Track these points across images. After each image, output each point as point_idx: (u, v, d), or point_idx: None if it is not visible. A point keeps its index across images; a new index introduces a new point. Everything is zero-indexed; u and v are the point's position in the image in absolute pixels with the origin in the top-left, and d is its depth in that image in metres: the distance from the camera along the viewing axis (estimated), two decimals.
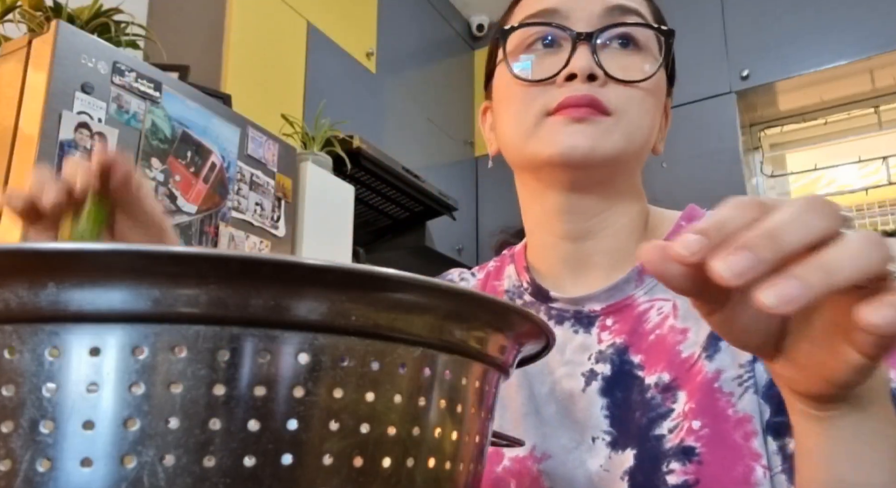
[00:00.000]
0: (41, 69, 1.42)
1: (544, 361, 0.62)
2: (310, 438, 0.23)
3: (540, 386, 0.62)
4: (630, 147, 0.59)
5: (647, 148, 0.63)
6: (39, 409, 0.22)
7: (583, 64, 0.58)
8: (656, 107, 0.62)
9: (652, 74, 0.59)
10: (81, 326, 0.22)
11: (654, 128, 0.62)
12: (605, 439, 0.57)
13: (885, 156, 2.75)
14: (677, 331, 0.57)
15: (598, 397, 0.59)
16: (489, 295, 0.28)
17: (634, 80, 0.59)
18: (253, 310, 0.23)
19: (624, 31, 0.60)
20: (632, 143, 0.59)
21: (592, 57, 0.58)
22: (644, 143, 0.61)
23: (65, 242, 0.21)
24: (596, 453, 0.57)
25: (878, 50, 2.52)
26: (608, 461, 0.56)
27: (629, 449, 0.55)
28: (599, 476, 0.56)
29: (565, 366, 0.61)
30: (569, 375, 0.61)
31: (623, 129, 0.58)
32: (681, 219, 0.65)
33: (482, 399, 0.30)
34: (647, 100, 0.60)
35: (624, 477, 0.55)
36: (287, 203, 1.93)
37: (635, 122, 0.59)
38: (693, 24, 2.83)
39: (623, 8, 0.61)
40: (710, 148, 2.67)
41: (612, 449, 0.56)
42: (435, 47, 3.22)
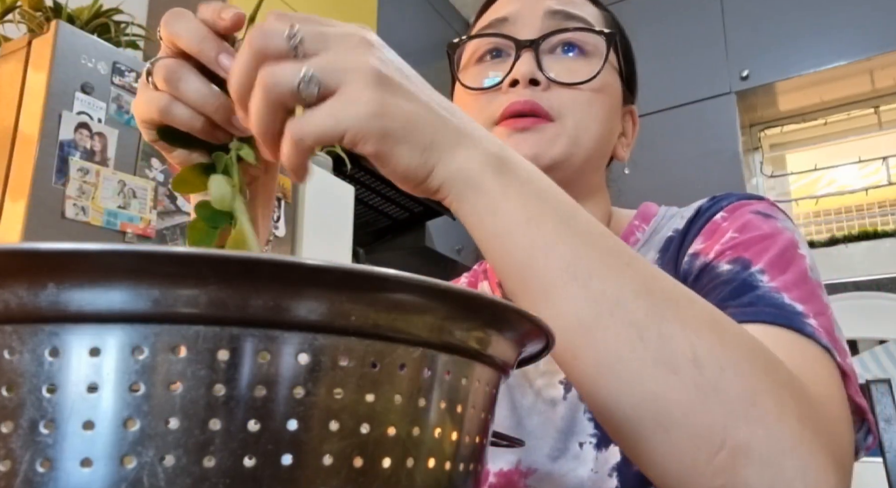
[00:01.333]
0: (41, 69, 1.42)
1: (523, 373, 0.63)
2: (310, 438, 0.23)
3: (521, 397, 0.62)
4: (577, 150, 0.59)
5: (601, 151, 0.63)
6: (39, 410, 0.22)
7: (524, 69, 0.59)
8: (607, 110, 0.62)
9: (594, 75, 0.59)
10: (81, 326, 0.22)
11: (606, 132, 0.63)
12: (591, 442, 0.57)
13: (885, 156, 2.75)
14: None
15: (578, 402, 0.58)
16: (489, 295, 0.28)
17: (576, 82, 0.59)
18: (253, 310, 0.23)
19: (567, 37, 0.61)
20: (578, 147, 0.59)
21: (535, 62, 0.59)
22: (594, 146, 0.61)
23: (65, 243, 0.21)
24: (585, 458, 0.57)
25: (878, 50, 2.52)
26: (596, 462, 0.56)
27: (612, 445, 0.56)
28: (592, 480, 0.56)
29: (542, 378, 0.61)
30: (547, 385, 0.61)
31: (568, 133, 0.59)
32: (635, 217, 0.66)
33: (482, 399, 0.30)
34: (594, 102, 0.60)
35: (612, 474, 0.55)
36: (287, 203, 1.93)
37: (581, 125, 0.59)
38: (693, 24, 2.83)
39: (566, 14, 0.62)
40: (710, 148, 2.67)
41: (598, 450, 0.56)
42: (435, 47, 3.22)
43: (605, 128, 0.62)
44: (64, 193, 1.38)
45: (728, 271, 0.50)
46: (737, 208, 0.57)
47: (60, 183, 1.38)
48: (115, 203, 1.46)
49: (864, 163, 2.81)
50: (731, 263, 0.51)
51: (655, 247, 0.62)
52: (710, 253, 0.53)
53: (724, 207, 0.58)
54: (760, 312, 0.46)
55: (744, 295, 0.48)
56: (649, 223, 0.65)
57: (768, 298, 0.47)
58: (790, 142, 3.02)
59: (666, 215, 0.65)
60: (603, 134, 0.62)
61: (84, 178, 1.42)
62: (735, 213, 0.56)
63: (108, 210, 1.45)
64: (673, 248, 0.59)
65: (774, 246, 0.52)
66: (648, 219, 0.66)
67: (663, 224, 0.64)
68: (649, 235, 0.64)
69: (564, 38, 0.61)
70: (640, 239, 0.64)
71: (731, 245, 0.53)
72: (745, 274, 0.49)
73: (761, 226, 0.54)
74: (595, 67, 0.60)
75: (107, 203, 1.44)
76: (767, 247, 0.51)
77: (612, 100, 0.63)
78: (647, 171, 0.73)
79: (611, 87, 0.63)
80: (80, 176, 1.41)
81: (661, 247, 0.60)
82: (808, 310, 0.47)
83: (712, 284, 0.51)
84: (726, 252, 0.52)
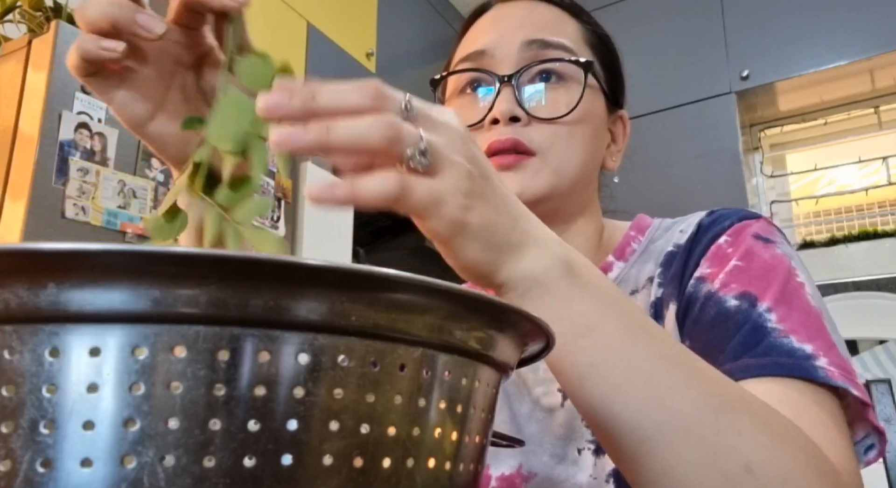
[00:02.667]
0: (41, 69, 1.42)
1: (522, 381, 0.64)
2: (310, 438, 0.23)
3: (519, 405, 0.63)
4: (561, 181, 0.61)
5: (587, 174, 0.64)
6: (39, 410, 0.22)
7: (503, 108, 0.60)
8: (589, 136, 0.63)
9: (572, 109, 0.60)
10: (81, 326, 0.22)
11: (590, 156, 0.63)
12: (589, 448, 0.58)
13: (885, 156, 2.75)
14: None
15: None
16: (489, 295, 0.28)
17: (556, 117, 0.60)
18: (253, 310, 0.23)
19: (544, 67, 0.62)
20: (562, 177, 0.61)
21: (515, 98, 0.60)
22: (579, 173, 0.62)
23: (64, 242, 0.21)
24: (584, 464, 0.57)
25: (878, 50, 2.52)
26: (594, 468, 0.57)
27: None
28: (590, 485, 0.57)
29: (541, 386, 0.62)
30: (546, 393, 0.62)
31: (550, 166, 0.60)
32: (630, 228, 0.66)
33: (482, 399, 0.30)
34: (574, 132, 0.61)
35: (609, 480, 0.56)
36: (287, 203, 1.93)
37: (562, 157, 0.61)
38: (693, 24, 2.83)
39: (542, 42, 0.62)
40: (710, 148, 2.67)
41: (596, 456, 0.57)
42: (435, 47, 3.22)
43: (588, 153, 0.63)
44: (64, 193, 1.38)
45: (736, 308, 0.52)
46: (739, 232, 0.58)
47: (60, 183, 1.38)
48: (115, 203, 1.46)
49: (864, 163, 2.81)
50: (738, 298, 0.53)
51: (655, 259, 0.62)
52: (716, 281, 0.55)
53: (727, 230, 0.59)
54: (776, 365, 0.48)
55: (758, 344, 0.50)
56: (645, 234, 0.66)
57: (780, 346, 0.49)
58: (790, 142, 3.02)
59: (661, 226, 0.67)
60: (587, 159, 0.63)
61: (84, 178, 1.42)
62: (738, 238, 0.58)
63: (108, 210, 1.45)
64: (676, 265, 0.60)
65: (776, 278, 0.54)
66: (644, 230, 0.67)
67: (659, 235, 0.65)
68: (646, 245, 0.65)
69: (541, 68, 0.62)
70: (637, 249, 0.65)
71: (735, 275, 0.55)
72: (754, 313, 0.51)
73: (762, 255, 0.56)
74: (574, 97, 0.61)
75: (107, 203, 1.45)
76: (770, 281, 0.53)
77: (595, 122, 0.64)
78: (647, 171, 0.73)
79: (591, 111, 0.63)
80: (80, 176, 1.41)
81: (663, 262, 0.61)
82: (818, 349, 0.49)
83: (724, 324, 0.52)
84: (731, 284, 0.54)
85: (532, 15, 0.65)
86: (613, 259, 0.65)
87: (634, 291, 0.62)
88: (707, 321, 0.53)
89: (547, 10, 0.66)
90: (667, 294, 0.58)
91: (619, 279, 0.63)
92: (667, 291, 0.58)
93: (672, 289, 0.58)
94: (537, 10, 0.66)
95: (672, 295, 0.58)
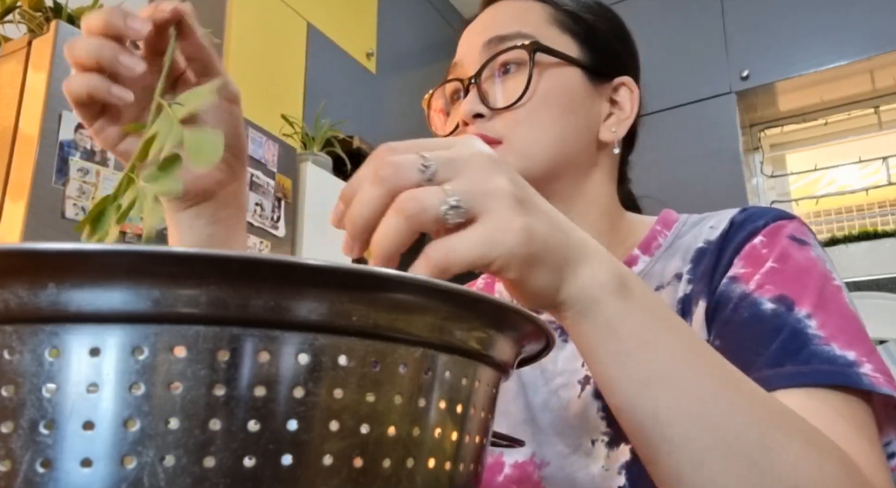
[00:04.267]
0: (41, 69, 1.42)
1: (539, 372, 0.64)
2: (310, 438, 0.23)
3: (534, 395, 0.64)
4: (531, 163, 0.61)
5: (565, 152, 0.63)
6: (39, 410, 0.22)
7: (466, 108, 0.62)
8: (557, 112, 0.62)
9: (522, 93, 0.61)
10: (81, 326, 0.22)
11: (564, 132, 0.63)
12: (603, 440, 0.58)
13: (885, 156, 2.75)
14: None
15: (592, 400, 0.60)
16: (489, 295, 0.28)
17: (511, 104, 0.61)
18: (253, 310, 0.23)
19: (501, 61, 0.63)
20: (531, 159, 0.61)
21: (477, 97, 0.62)
22: (552, 152, 0.62)
23: (65, 243, 0.21)
24: (597, 456, 0.58)
25: (878, 50, 2.52)
26: (607, 460, 0.57)
27: (623, 444, 0.57)
28: (602, 476, 0.57)
29: (560, 377, 0.63)
30: (565, 385, 0.62)
31: (514, 151, 0.61)
32: (656, 223, 0.66)
33: (482, 399, 0.30)
34: (538, 113, 0.62)
35: (621, 471, 0.56)
36: (287, 203, 1.93)
37: (528, 139, 0.61)
38: (693, 24, 2.83)
39: (499, 38, 0.64)
40: (710, 148, 2.67)
41: (610, 448, 0.58)
42: (435, 47, 3.22)
43: (560, 129, 0.62)
44: (64, 193, 1.38)
45: (772, 312, 0.52)
46: (775, 232, 0.58)
47: (60, 183, 1.38)
48: None
49: (864, 163, 2.81)
50: (774, 301, 0.52)
51: (682, 254, 0.62)
52: (751, 282, 0.55)
53: (762, 230, 0.58)
54: (819, 373, 0.48)
55: (799, 351, 0.49)
56: (671, 229, 0.66)
57: (821, 354, 0.49)
58: (790, 142, 3.02)
59: (688, 222, 0.66)
60: (558, 137, 0.62)
61: (84, 178, 1.42)
62: (774, 239, 0.57)
63: None
64: (707, 262, 0.59)
65: (813, 282, 0.53)
66: (670, 226, 0.66)
67: (685, 230, 0.65)
68: (672, 240, 0.64)
69: (499, 62, 0.63)
70: (663, 244, 0.64)
71: (771, 277, 0.54)
72: (792, 318, 0.51)
73: (798, 257, 0.55)
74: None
75: None
76: (807, 285, 0.53)
77: (565, 98, 0.63)
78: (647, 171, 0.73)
79: (555, 88, 0.63)
80: (80, 176, 1.41)
81: (693, 258, 0.61)
82: (860, 356, 0.49)
83: (759, 326, 0.52)
84: (767, 286, 0.54)
85: (495, 16, 0.67)
86: (639, 252, 0.64)
87: (660, 287, 0.61)
88: (740, 321, 0.53)
89: (511, 7, 0.67)
90: (696, 291, 0.58)
91: (645, 273, 0.63)
92: (696, 288, 0.58)
93: (702, 287, 0.58)
94: (501, 10, 0.67)
95: (702, 292, 0.57)
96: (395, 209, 0.35)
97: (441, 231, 0.35)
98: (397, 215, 0.34)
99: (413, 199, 0.34)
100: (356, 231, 0.36)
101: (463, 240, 0.34)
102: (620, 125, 0.67)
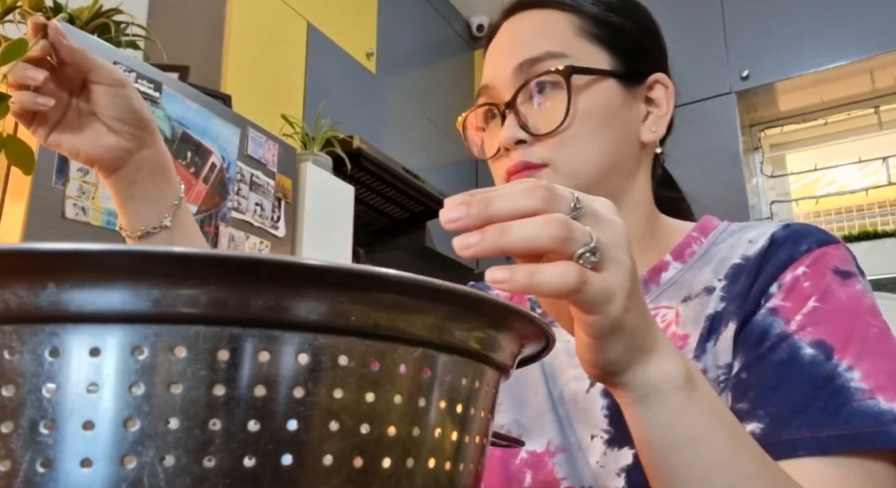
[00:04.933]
0: None
1: (558, 365, 0.65)
2: (310, 438, 0.23)
3: (553, 387, 0.65)
4: (580, 180, 0.61)
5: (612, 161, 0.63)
6: (39, 410, 0.22)
7: (506, 135, 0.62)
8: (597, 126, 0.62)
9: (563, 119, 0.61)
10: (81, 326, 0.22)
11: (608, 144, 0.63)
12: (602, 437, 0.59)
13: (885, 156, 2.75)
14: (678, 337, 0.59)
15: (599, 398, 0.61)
16: (489, 295, 0.28)
17: (552, 130, 0.61)
18: (253, 310, 0.23)
19: (535, 84, 0.63)
20: (580, 176, 0.61)
21: (516, 123, 0.62)
22: (598, 165, 0.62)
23: (65, 243, 0.21)
24: (593, 450, 0.59)
25: (878, 50, 2.52)
26: (603, 457, 0.58)
27: (627, 448, 0.57)
28: (597, 472, 0.58)
29: (573, 369, 0.64)
30: (576, 378, 0.63)
31: (562, 173, 0.61)
32: (694, 229, 0.65)
33: (482, 399, 0.30)
34: (580, 132, 0.62)
35: (621, 474, 0.56)
36: (287, 203, 1.93)
37: (573, 161, 0.61)
38: (693, 24, 2.83)
39: (530, 60, 0.63)
40: (710, 148, 2.67)
41: (609, 446, 0.58)
42: (435, 47, 3.22)
43: (604, 142, 0.62)
44: (64, 193, 1.38)
45: (811, 359, 0.51)
46: (817, 262, 0.56)
47: (60, 183, 1.38)
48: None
49: (864, 164, 2.81)
50: (813, 346, 0.52)
51: (715, 266, 0.61)
52: (792, 322, 0.54)
53: (804, 256, 0.57)
54: (860, 437, 0.48)
55: (839, 410, 0.49)
56: (708, 236, 0.65)
57: (865, 412, 0.48)
58: (790, 142, 3.02)
59: (727, 230, 0.65)
60: (605, 149, 0.62)
61: (84, 178, 1.42)
62: (816, 270, 0.56)
63: (108, 210, 1.45)
64: (744, 282, 0.58)
65: (857, 326, 0.52)
66: (707, 233, 0.65)
67: (722, 239, 0.64)
68: (706, 248, 0.64)
69: (533, 85, 0.63)
70: (697, 252, 0.64)
71: (813, 318, 0.53)
72: (833, 369, 0.50)
73: (841, 297, 0.54)
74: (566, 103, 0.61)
75: (107, 203, 1.44)
76: (851, 330, 0.52)
77: (604, 111, 0.63)
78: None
79: (594, 105, 0.62)
80: (80, 176, 1.41)
81: (729, 274, 0.59)
82: None
83: (797, 372, 0.51)
84: (808, 328, 0.53)
85: (518, 34, 0.66)
86: (671, 258, 0.64)
87: (687, 298, 0.60)
88: (777, 363, 0.52)
89: (533, 18, 0.66)
90: (728, 311, 0.57)
91: (674, 281, 0.62)
92: (729, 308, 0.57)
93: (735, 307, 0.57)
94: (524, 23, 0.66)
95: (734, 313, 0.57)
96: (546, 219, 0.36)
97: (531, 258, 0.37)
98: (547, 224, 0.35)
99: (566, 223, 0.36)
100: (490, 214, 0.36)
101: (595, 281, 0.36)
102: (659, 123, 0.66)
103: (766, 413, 0.51)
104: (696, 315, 0.59)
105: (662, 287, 0.63)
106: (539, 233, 0.35)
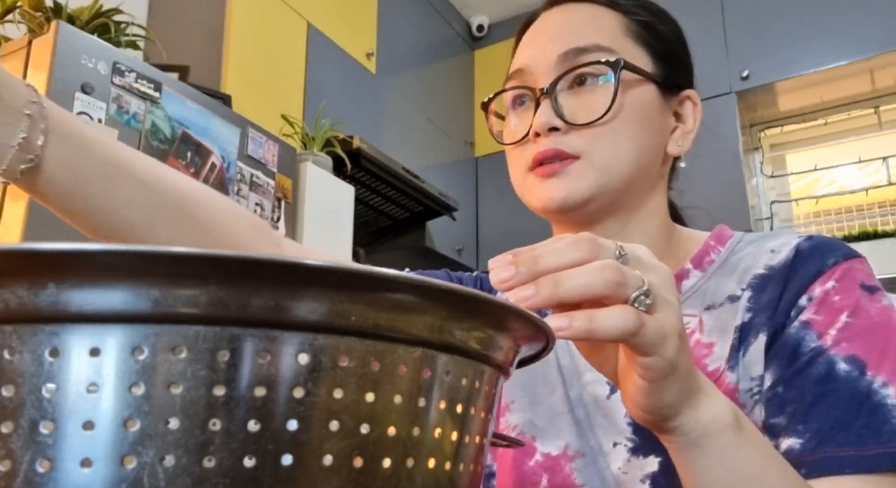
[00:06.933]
0: (41, 69, 1.42)
1: (577, 365, 0.65)
2: (310, 439, 0.23)
3: (570, 389, 0.64)
4: (611, 178, 0.60)
5: (642, 165, 0.63)
6: (39, 410, 0.22)
7: (541, 121, 0.61)
8: (635, 127, 0.62)
9: (606, 110, 0.60)
10: (81, 326, 0.22)
11: (643, 145, 0.62)
12: (626, 445, 0.59)
13: (885, 156, 2.75)
14: (703, 345, 0.59)
15: (622, 405, 0.60)
16: (489, 295, 0.28)
17: (591, 121, 0.60)
18: (253, 310, 0.23)
19: (578, 74, 0.62)
20: (611, 175, 0.60)
21: (552, 109, 0.61)
22: (631, 167, 0.62)
23: (65, 243, 0.21)
24: (615, 457, 0.59)
25: (878, 50, 2.52)
26: (626, 464, 0.58)
27: (653, 456, 0.57)
28: (619, 478, 0.58)
29: (591, 372, 0.63)
30: (595, 381, 0.63)
31: (595, 166, 0.60)
32: (709, 239, 0.65)
33: (482, 399, 0.30)
34: (618, 129, 0.61)
35: (645, 481, 0.56)
36: (287, 203, 1.93)
37: (608, 155, 0.60)
38: (693, 24, 2.82)
39: (577, 50, 0.62)
40: (710, 148, 2.67)
41: (633, 454, 0.58)
42: (435, 47, 3.22)
43: (638, 146, 0.62)
44: None
45: (846, 375, 0.52)
46: (845, 275, 0.57)
47: None
48: None
49: (864, 163, 2.81)
50: (847, 362, 0.52)
51: (739, 276, 0.61)
52: (827, 337, 0.54)
53: (831, 269, 0.57)
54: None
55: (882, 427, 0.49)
56: (725, 245, 0.65)
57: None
58: (790, 142, 3.02)
59: (744, 239, 0.65)
60: (636, 153, 0.62)
61: None
62: (845, 284, 0.56)
63: None
64: (771, 292, 0.58)
65: (890, 342, 0.53)
66: (724, 242, 0.65)
67: (741, 248, 0.64)
68: (725, 257, 0.64)
69: (576, 74, 0.62)
70: (716, 260, 0.64)
71: (846, 333, 0.54)
72: (869, 386, 0.51)
73: (871, 312, 0.55)
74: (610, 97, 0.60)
75: None
76: (885, 347, 0.52)
77: (642, 113, 0.62)
78: None
79: (634, 104, 0.62)
80: None
81: (754, 285, 0.59)
82: None
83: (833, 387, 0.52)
84: (842, 343, 0.53)
85: (566, 23, 0.65)
86: (691, 267, 0.63)
87: (711, 307, 0.60)
88: (815, 378, 0.52)
89: (583, 11, 0.65)
90: (757, 322, 0.57)
91: (696, 289, 0.62)
92: (758, 319, 0.57)
93: (764, 318, 0.57)
94: (572, 14, 0.65)
95: (764, 325, 0.57)
96: (599, 266, 0.37)
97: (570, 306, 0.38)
98: (601, 270, 0.36)
99: (619, 269, 0.37)
100: (539, 270, 0.37)
101: (652, 323, 0.37)
102: (685, 139, 0.67)
103: (807, 428, 0.50)
104: (720, 324, 0.59)
105: (684, 295, 0.62)
106: (593, 279, 0.36)
